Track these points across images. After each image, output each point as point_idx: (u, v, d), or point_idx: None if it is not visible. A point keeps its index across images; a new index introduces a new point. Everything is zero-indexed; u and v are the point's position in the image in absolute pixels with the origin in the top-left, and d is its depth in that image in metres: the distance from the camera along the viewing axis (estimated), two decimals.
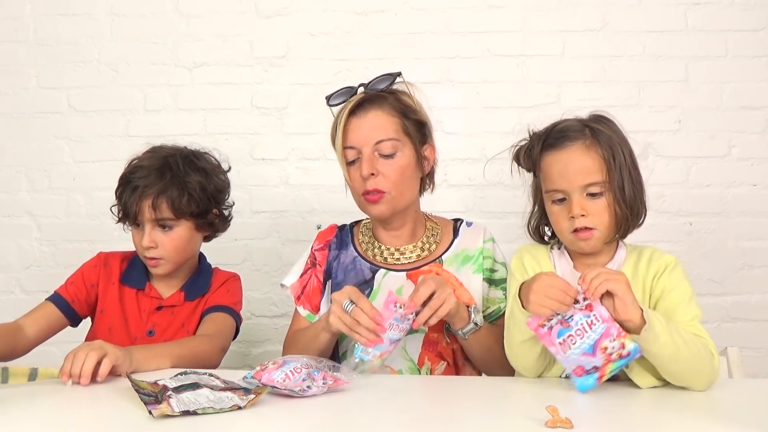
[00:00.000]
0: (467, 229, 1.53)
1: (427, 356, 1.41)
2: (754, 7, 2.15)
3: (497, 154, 1.41)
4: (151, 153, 1.57)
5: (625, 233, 1.28)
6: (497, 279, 1.48)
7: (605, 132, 1.26)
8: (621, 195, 1.24)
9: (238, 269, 2.20)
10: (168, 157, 1.54)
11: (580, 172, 1.24)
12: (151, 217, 1.50)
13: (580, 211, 1.23)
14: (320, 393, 1.12)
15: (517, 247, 1.40)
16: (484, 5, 2.19)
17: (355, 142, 1.42)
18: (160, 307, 1.56)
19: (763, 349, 2.10)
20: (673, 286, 1.25)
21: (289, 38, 2.22)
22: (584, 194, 1.24)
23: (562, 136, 1.26)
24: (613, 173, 1.23)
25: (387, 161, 1.41)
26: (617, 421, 1.03)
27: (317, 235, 1.60)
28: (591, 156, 1.24)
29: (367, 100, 1.43)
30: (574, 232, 1.25)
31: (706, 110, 2.16)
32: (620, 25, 2.17)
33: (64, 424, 1.02)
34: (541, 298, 1.12)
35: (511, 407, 1.08)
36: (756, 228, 2.16)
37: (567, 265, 1.32)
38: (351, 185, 1.46)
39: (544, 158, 1.29)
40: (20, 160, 2.25)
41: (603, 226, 1.25)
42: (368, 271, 1.48)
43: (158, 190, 1.49)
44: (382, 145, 1.41)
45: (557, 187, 1.26)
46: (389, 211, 1.43)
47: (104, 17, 2.24)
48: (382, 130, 1.41)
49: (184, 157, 1.55)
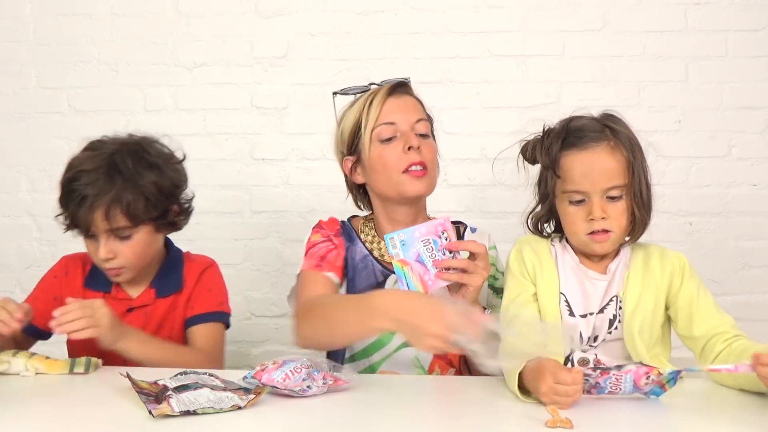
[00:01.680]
0: (471, 235, 1.51)
1: (437, 364, 1.40)
2: (754, 7, 2.15)
3: (503, 151, 1.40)
4: (93, 152, 1.38)
5: (638, 236, 1.28)
6: (498, 287, 1.46)
7: (625, 133, 1.24)
8: (639, 198, 1.23)
9: (238, 269, 2.23)
10: (114, 156, 1.36)
11: (604, 174, 1.22)
12: (105, 228, 1.35)
13: (600, 214, 1.22)
14: (320, 393, 1.12)
15: (516, 240, 1.38)
16: (484, 5, 2.19)
17: (395, 118, 1.41)
18: (131, 309, 1.45)
19: None
20: (697, 290, 1.26)
21: (289, 38, 2.22)
22: (604, 197, 1.23)
23: (584, 136, 1.25)
24: (634, 177, 1.23)
25: (424, 141, 1.42)
26: (617, 421, 1.03)
27: (319, 222, 1.52)
28: (616, 158, 1.23)
29: (401, 86, 1.45)
30: (590, 234, 1.24)
31: (706, 110, 2.16)
32: (620, 25, 2.17)
33: (64, 424, 1.02)
34: (553, 398, 1.03)
35: (511, 407, 1.08)
36: (756, 228, 2.16)
37: (571, 260, 1.31)
38: (386, 164, 1.39)
39: (564, 157, 1.25)
40: (20, 160, 2.25)
41: (620, 229, 1.24)
42: (380, 274, 1.45)
43: (110, 199, 1.32)
44: (419, 125, 1.42)
45: (578, 188, 1.24)
46: (427, 190, 1.42)
47: (104, 17, 2.24)
48: (419, 111, 1.45)
49: (133, 153, 1.37)
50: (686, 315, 1.24)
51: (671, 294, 1.26)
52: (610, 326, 1.25)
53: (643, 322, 1.24)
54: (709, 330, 1.22)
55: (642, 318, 1.24)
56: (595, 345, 1.26)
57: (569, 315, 1.27)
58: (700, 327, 1.23)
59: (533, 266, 1.31)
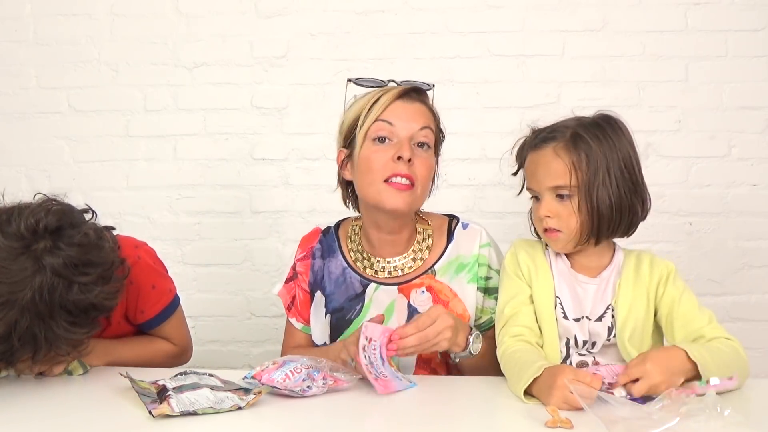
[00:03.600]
0: (462, 232, 1.44)
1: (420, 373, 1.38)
2: (754, 7, 2.15)
3: (505, 153, 1.38)
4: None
5: (598, 239, 1.26)
6: (491, 287, 1.41)
7: (586, 138, 1.23)
8: (590, 202, 1.22)
9: (238, 269, 2.23)
10: (26, 311, 1.08)
11: (546, 174, 1.25)
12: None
13: (545, 213, 1.25)
14: (320, 393, 1.12)
15: (512, 242, 1.38)
16: (484, 5, 2.19)
17: (396, 121, 1.32)
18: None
19: (763, 349, 2.10)
20: (680, 293, 1.26)
21: (289, 38, 2.22)
22: (554, 195, 1.25)
23: (546, 137, 1.27)
24: (582, 179, 1.22)
25: (422, 152, 1.33)
26: None
27: (300, 240, 1.52)
28: (559, 159, 1.24)
29: (415, 91, 1.37)
30: (544, 231, 1.28)
31: (706, 110, 2.16)
32: (620, 25, 2.17)
33: (64, 423, 1.02)
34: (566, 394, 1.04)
35: (511, 407, 1.08)
36: (756, 228, 2.16)
37: (564, 266, 1.31)
38: (371, 167, 1.31)
39: (527, 156, 1.31)
40: (20, 160, 2.25)
41: (568, 229, 1.25)
42: (359, 285, 1.42)
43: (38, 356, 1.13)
44: (422, 133, 1.32)
45: (529, 185, 1.30)
46: (408, 207, 1.32)
47: (104, 17, 2.24)
48: (426, 119, 1.35)
49: (53, 271, 1.09)
50: (669, 322, 1.25)
51: (657, 301, 1.27)
52: (609, 334, 1.26)
53: (633, 329, 1.25)
54: (688, 335, 1.22)
55: (633, 326, 1.25)
56: (594, 351, 1.27)
57: (564, 318, 1.28)
58: (679, 333, 1.23)
59: (528, 269, 1.32)
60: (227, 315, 2.24)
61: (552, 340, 1.27)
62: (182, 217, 2.23)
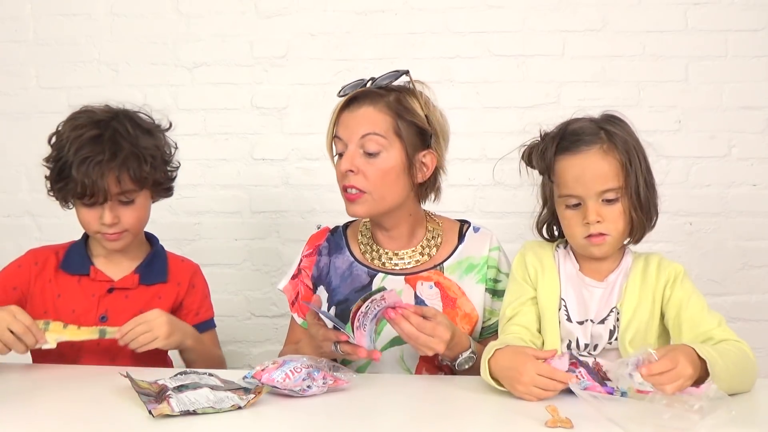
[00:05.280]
0: (474, 235, 1.48)
1: (424, 367, 1.40)
2: (754, 7, 2.15)
3: (507, 154, 1.36)
4: (88, 119, 1.41)
5: (639, 238, 1.27)
6: (500, 290, 1.43)
7: (620, 135, 1.23)
8: (637, 200, 1.22)
9: (238, 269, 2.23)
10: (112, 122, 1.40)
11: (597, 178, 1.21)
12: (116, 192, 1.38)
13: (595, 218, 1.21)
14: (320, 393, 1.12)
15: (521, 244, 1.38)
16: (484, 5, 2.19)
17: (342, 134, 1.38)
18: (112, 290, 1.47)
19: (763, 349, 2.10)
20: (688, 295, 1.24)
21: (289, 38, 2.22)
22: (600, 200, 1.22)
23: (578, 140, 1.24)
24: (630, 178, 1.21)
25: (370, 160, 1.35)
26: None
27: (309, 238, 1.56)
28: (608, 161, 1.22)
29: (363, 95, 1.38)
30: (587, 237, 1.24)
31: (706, 110, 2.16)
32: (620, 25, 2.17)
33: (64, 423, 1.02)
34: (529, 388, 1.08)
35: (511, 407, 1.08)
36: (756, 228, 2.16)
37: (572, 268, 1.31)
38: (337, 178, 1.41)
39: (558, 162, 1.25)
40: (20, 160, 2.25)
41: (617, 231, 1.23)
42: (365, 276, 1.45)
43: (120, 163, 1.36)
44: (367, 140, 1.34)
45: (572, 192, 1.24)
46: (367, 213, 1.39)
47: (104, 17, 2.24)
48: (369, 125, 1.35)
49: (129, 120, 1.43)
50: (676, 324, 1.23)
51: (664, 304, 1.26)
52: (610, 337, 1.26)
53: (636, 332, 1.24)
54: (696, 338, 1.20)
55: (636, 329, 1.24)
56: (595, 353, 1.26)
57: (567, 321, 1.27)
58: (687, 335, 1.21)
59: (535, 270, 1.32)
60: (227, 315, 2.23)
61: (553, 341, 1.27)
62: (182, 217, 2.23)
